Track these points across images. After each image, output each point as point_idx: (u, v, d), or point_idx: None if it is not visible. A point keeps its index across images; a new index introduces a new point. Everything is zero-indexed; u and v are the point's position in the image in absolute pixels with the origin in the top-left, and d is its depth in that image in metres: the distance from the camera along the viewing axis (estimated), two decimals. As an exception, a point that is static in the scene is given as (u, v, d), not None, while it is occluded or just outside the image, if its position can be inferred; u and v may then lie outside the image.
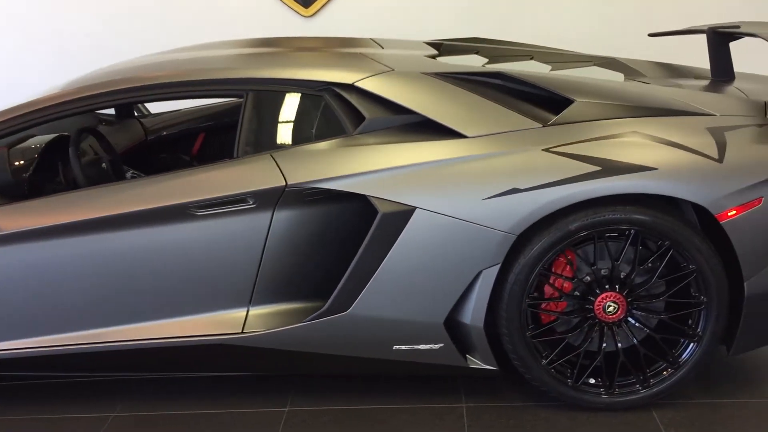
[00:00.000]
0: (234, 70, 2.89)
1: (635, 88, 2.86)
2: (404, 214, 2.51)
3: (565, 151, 2.49)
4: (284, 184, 2.59)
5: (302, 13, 6.06)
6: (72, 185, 3.01)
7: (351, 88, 2.73)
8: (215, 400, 2.88)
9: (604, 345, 2.62)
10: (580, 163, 2.46)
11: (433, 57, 3.21)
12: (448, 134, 2.61)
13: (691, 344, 2.60)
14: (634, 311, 2.61)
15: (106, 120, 4.17)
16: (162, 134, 4.21)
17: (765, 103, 2.74)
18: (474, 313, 2.59)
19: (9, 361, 2.78)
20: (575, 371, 2.64)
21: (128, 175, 3.38)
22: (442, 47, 3.73)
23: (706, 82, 3.38)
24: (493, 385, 2.83)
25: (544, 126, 2.60)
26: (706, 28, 3.62)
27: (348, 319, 2.61)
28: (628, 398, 2.64)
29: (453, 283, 2.55)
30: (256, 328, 2.69)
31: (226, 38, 5.87)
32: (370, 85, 2.73)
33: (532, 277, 2.54)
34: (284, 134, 2.88)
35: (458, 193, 2.51)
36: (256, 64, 2.94)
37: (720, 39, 3.45)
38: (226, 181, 2.65)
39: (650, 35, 4.15)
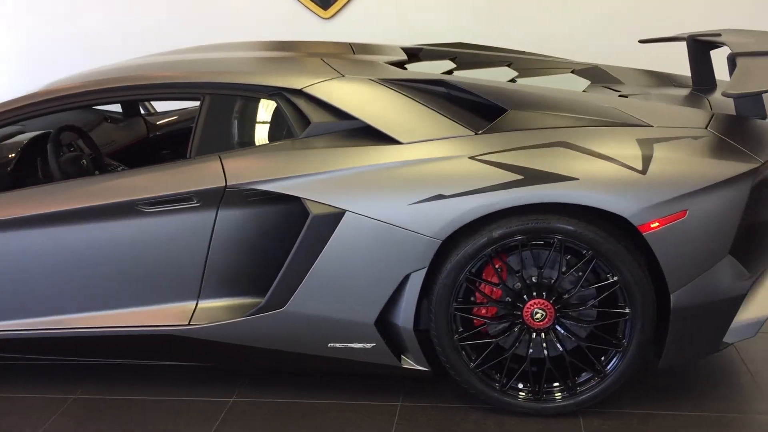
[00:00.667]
0: (192, 74, 3.02)
1: (577, 97, 2.86)
2: (335, 216, 2.60)
3: (491, 159, 2.53)
4: (224, 184, 2.71)
5: (321, 15, 6.18)
6: (49, 181, 3.20)
7: (299, 93, 2.83)
8: (167, 388, 3.03)
9: (531, 351, 2.66)
10: (504, 171, 2.49)
11: (402, 62, 3.28)
12: (384, 140, 2.69)
13: (617, 354, 2.60)
14: (563, 320, 2.63)
15: (112, 117, 4.39)
16: (164, 132, 4.41)
17: (712, 115, 2.72)
18: (404, 314, 2.66)
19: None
20: (503, 376, 2.68)
21: (119, 171, 3.57)
22: (422, 52, 3.80)
23: (680, 91, 3.36)
24: (433, 386, 2.89)
25: (475, 134, 2.64)
26: (686, 35, 3.59)
27: (284, 316, 2.72)
28: (555, 405, 2.67)
29: (382, 285, 2.63)
30: (202, 321, 2.82)
31: (248, 39, 6.06)
32: (317, 90, 2.82)
33: (458, 282, 2.59)
34: (236, 137, 3.01)
35: (386, 198, 2.58)
36: (213, 69, 3.06)
37: (700, 47, 3.42)
38: (173, 180, 2.79)
39: (641, 41, 4.12)
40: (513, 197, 2.47)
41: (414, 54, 3.73)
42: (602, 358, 2.64)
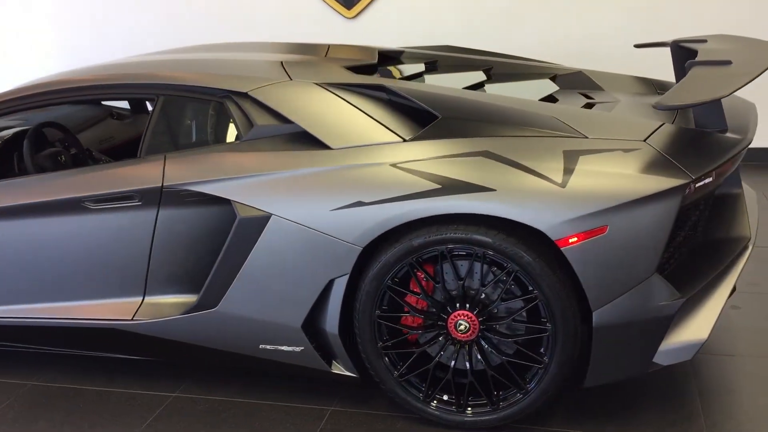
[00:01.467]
0: (148, 75, 3.09)
1: (517, 106, 2.77)
2: (261, 219, 2.62)
3: (411, 167, 2.50)
4: (161, 184, 2.77)
5: (345, 14, 6.22)
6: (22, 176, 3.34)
7: (245, 96, 2.87)
8: (113, 380, 3.12)
9: (453, 363, 2.61)
10: (423, 180, 2.46)
11: (371, 66, 3.28)
12: (317, 145, 2.69)
13: (539, 371, 2.53)
14: (488, 333, 2.58)
15: (119, 114, 4.54)
16: None
17: (659, 126, 2.61)
18: (330, 320, 2.66)
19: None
20: (428, 386, 2.65)
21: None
22: (403, 54, 3.78)
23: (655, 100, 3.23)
24: (369, 392, 2.88)
25: (403, 141, 2.62)
26: (670, 41, 3.46)
27: (217, 316, 2.77)
28: (478, 419, 2.62)
29: (307, 289, 2.64)
30: (144, 317, 2.90)
31: (274, 38, 6.17)
32: (261, 94, 2.85)
33: (380, 290, 2.58)
34: (184, 138, 3.07)
35: (310, 203, 2.58)
36: (168, 70, 3.12)
37: (685, 53, 3.28)
38: (118, 179, 2.87)
39: (636, 46, 3.98)
40: (430, 207, 2.43)
41: (393, 57, 3.72)
42: (527, 375, 2.57)
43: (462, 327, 2.57)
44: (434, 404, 2.66)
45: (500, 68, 3.72)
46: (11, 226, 3.01)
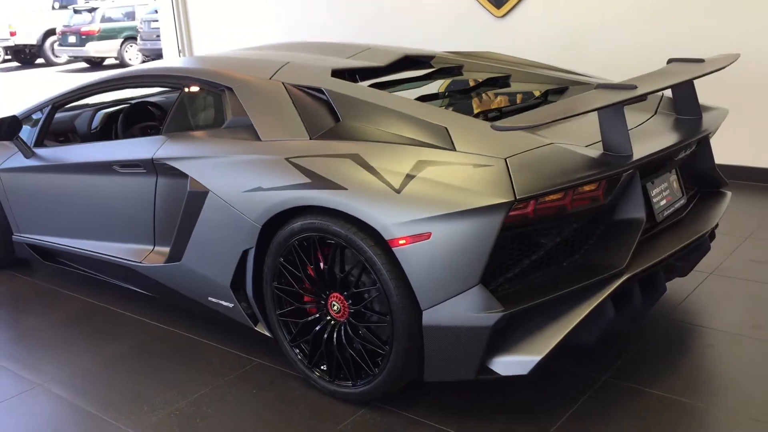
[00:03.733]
0: (176, 68, 3.78)
1: (417, 114, 2.92)
2: (203, 194, 3.19)
3: (297, 162, 2.88)
4: (152, 157, 3.46)
5: (494, 13, 6.44)
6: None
7: (231, 90, 3.43)
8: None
9: (326, 336, 2.95)
10: (300, 174, 2.84)
11: (376, 69, 3.65)
12: (255, 136, 3.17)
13: (384, 357, 2.77)
14: (356, 316, 2.87)
15: None
16: None
17: (547, 143, 2.68)
18: (248, 285, 3.16)
19: (34, 247, 4.24)
20: (314, 355, 3.02)
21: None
22: (435, 58, 4.05)
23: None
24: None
25: (309, 138, 2.99)
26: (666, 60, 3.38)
27: (181, 267, 3.41)
28: (343, 390, 2.93)
29: (230, 254, 3.15)
30: (149, 262, 3.63)
31: (426, 35, 6.62)
32: (240, 90, 3.39)
33: (275, 265, 3.01)
34: (190, 121, 3.71)
35: (232, 184, 3.09)
36: (193, 65, 3.77)
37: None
38: (133, 150, 3.62)
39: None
40: (298, 197, 2.81)
41: (421, 61, 4.00)
42: (378, 359, 2.82)
43: (335, 307, 2.91)
44: (316, 371, 3.02)
45: (519, 77, 3.82)
46: (75, 179, 3.93)
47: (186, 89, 3.69)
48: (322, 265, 2.88)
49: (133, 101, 4.78)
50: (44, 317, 3.97)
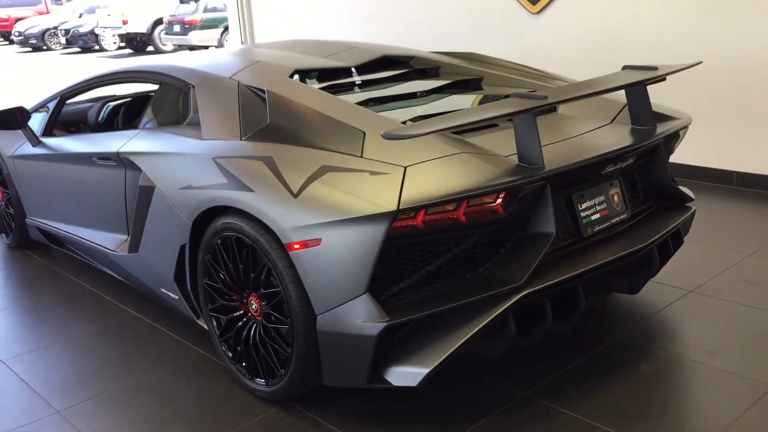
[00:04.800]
0: (155, 65, 3.90)
1: (342, 118, 2.92)
2: (151, 188, 3.31)
3: (220, 162, 2.94)
4: (117, 151, 3.61)
5: (530, 9, 6.30)
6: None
7: (194, 88, 3.54)
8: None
9: (244, 334, 3.01)
10: (221, 174, 2.90)
11: (341, 70, 3.67)
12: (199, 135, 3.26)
13: (287, 359, 2.80)
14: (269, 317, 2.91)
15: None
16: None
17: (455, 153, 2.64)
18: (187, 279, 3.26)
19: (42, 230, 4.50)
20: (233, 351, 3.08)
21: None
22: (414, 59, 4.02)
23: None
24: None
25: (239, 140, 3.04)
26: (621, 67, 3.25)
27: (138, 258, 3.55)
28: (259, 388, 2.97)
29: (170, 248, 3.26)
30: (120, 250, 3.80)
31: (460, 31, 6.56)
32: (201, 88, 3.48)
33: (204, 261, 3.09)
34: (162, 116, 3.82)
35: (171, 181, 3.19)
36: (171, 62, 3.88)
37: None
38: (107, 144, 3.79)
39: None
40: (218, 197, 2.88)
41: (400, 61, 3.98)
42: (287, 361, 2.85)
43: (254, 306, 2.96)
44: (239, 367, 3.09)
45: (492, 80, 3.74)
46: (67, 169, 4.15)
47: (162, 85, 3.82)
48: (240, 265, 2.94)
49: (139, 95, 4.98)
50: (38, 297, 4.23)
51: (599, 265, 2.79)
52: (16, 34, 26.82)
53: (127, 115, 4.57)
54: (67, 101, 4.66)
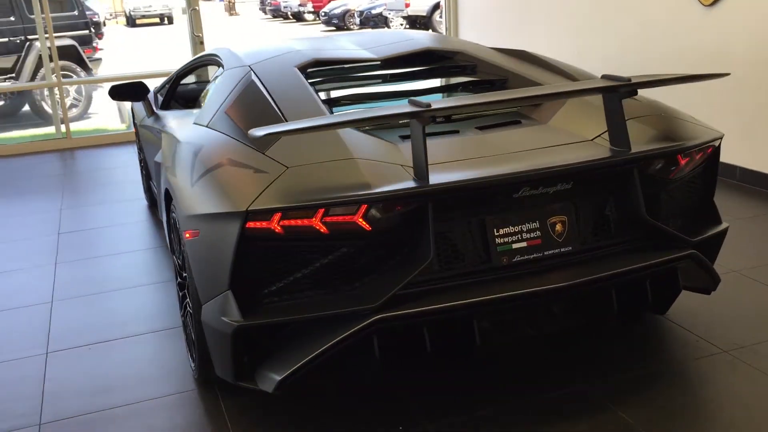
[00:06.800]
0: (213, 51, 4.12)
1: (295, 111, 2.87)
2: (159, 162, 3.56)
3: (178, 146, 3.08)
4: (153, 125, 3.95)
5: (702, 2, 5.56)
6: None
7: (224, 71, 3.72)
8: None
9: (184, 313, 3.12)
10: (178, 158, 3.02)
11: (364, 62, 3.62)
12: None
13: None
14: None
15: None
16: None
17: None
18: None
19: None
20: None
21: None
22: (457, 55, 3.80)
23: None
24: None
25: (205, 125, 3.14)
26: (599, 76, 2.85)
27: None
28: (192, 368, 3.07)
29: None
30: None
31: (634, 26, 6.05)
32: (222, 76, 3.64)
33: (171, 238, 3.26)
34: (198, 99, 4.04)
35: (158, 155, 3.40)
36: (227, 50, 4.05)
37: (609, 95, 2.71)
38: (164, 121, 4.11)
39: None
40: (165, 177, 3.03)
41: (445, 56, 3.78)
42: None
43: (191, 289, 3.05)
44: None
45: (517, 82, 3.40)
46: (156, 139, 4.57)
47: (220, 69, 4.03)
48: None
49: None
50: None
51: (501, 298, 2.44)
52: (323, 14, 28.91)
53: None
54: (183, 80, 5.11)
